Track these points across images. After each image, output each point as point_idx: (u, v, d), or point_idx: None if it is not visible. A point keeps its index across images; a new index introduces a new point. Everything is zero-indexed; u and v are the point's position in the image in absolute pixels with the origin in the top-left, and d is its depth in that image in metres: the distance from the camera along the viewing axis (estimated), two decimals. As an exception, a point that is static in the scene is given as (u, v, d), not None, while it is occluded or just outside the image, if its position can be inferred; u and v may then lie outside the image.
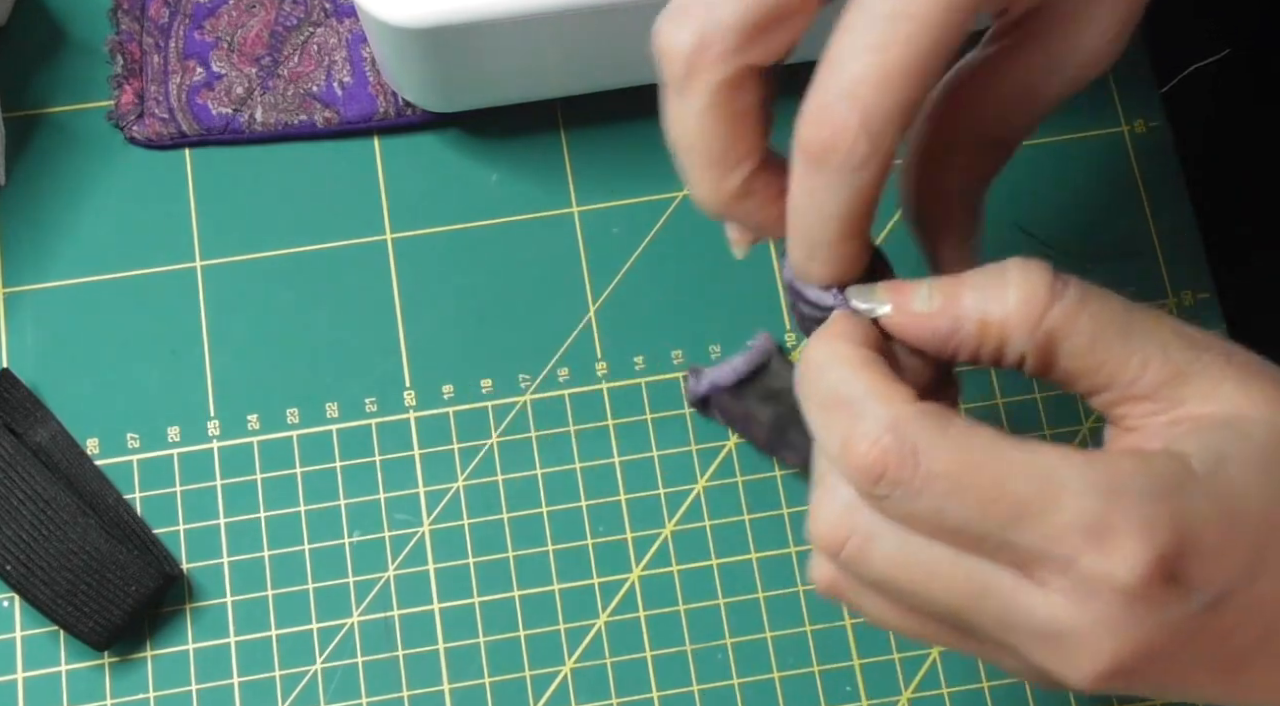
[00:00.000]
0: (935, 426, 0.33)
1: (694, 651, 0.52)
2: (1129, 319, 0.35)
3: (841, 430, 0.34)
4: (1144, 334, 0.35)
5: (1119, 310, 0.35)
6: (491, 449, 0.54)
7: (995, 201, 0.57)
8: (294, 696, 0.51)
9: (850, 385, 0.34)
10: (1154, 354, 0.35)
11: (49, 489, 0.50)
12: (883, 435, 0.33)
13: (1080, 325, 0.35)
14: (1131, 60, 0.58)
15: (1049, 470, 0.33)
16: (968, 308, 0.35)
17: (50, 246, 0.55)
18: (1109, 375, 0.35)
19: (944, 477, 0.33)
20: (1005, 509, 0.32)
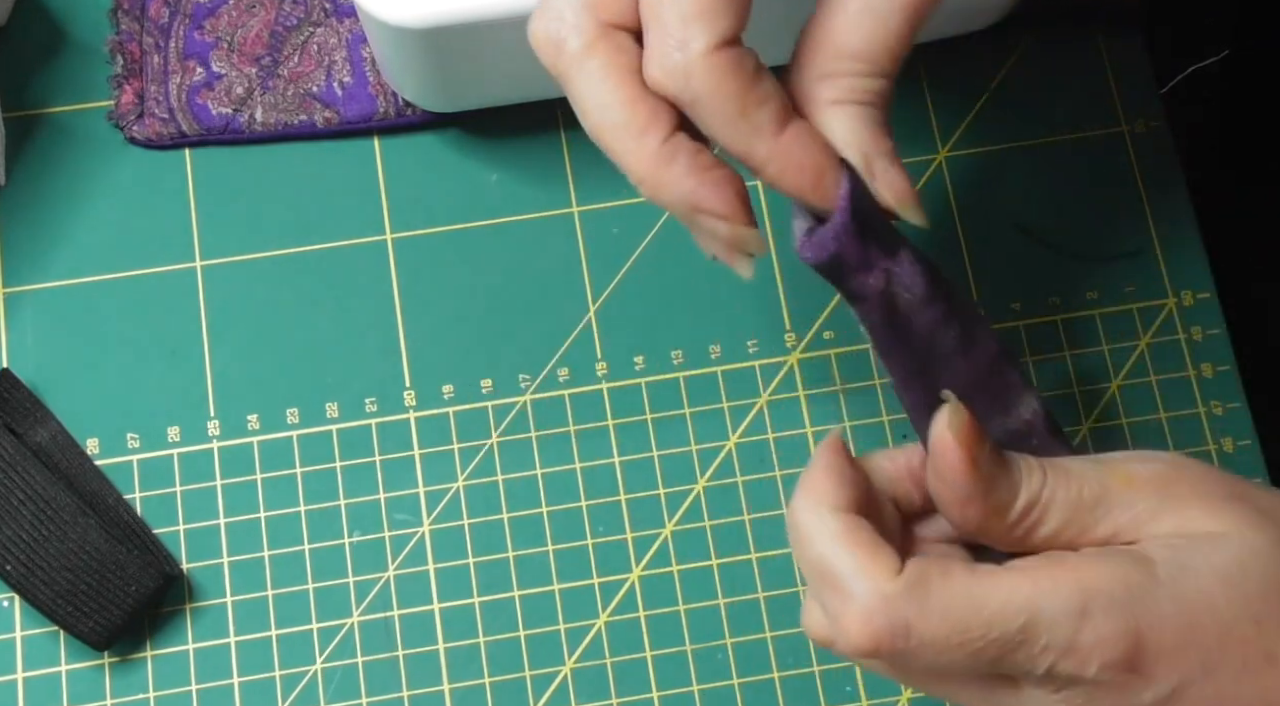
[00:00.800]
0: (921, 596, 0.37)
1: (694, 651, 0.52)
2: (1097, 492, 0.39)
3: (834, 607, 0.38)
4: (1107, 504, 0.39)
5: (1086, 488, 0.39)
6: (491, 449, 0.54)
7: (995, 201, 0.57)
8: (294, 696, 0.51)
9: (837, 560, 0.38)
10: (1121, 515, 0.39)
11: (49, 489, 0.50)
12: (873, 617, 0.37)
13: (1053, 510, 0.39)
14: (1131, 60, 0.58)
15: (1029, 607, 0.37)
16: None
17: (50, 246, 0.55)
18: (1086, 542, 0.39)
19: (937, 642, 0.37)
20: (995, 650, 0.37)
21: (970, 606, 0.37)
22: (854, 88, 0.39)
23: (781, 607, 0.52)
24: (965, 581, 0.37)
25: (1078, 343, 0.55)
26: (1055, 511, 0.39)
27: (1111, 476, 0.39)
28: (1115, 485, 0.39)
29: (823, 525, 0.39)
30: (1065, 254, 0.56)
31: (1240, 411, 0.55)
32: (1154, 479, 0.39)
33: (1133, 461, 0.39)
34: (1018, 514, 0.39)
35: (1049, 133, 0.58)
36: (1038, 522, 0.39)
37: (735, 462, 0.54)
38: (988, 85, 0.58)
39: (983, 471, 0.38)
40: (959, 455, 0.38)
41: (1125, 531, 0.39)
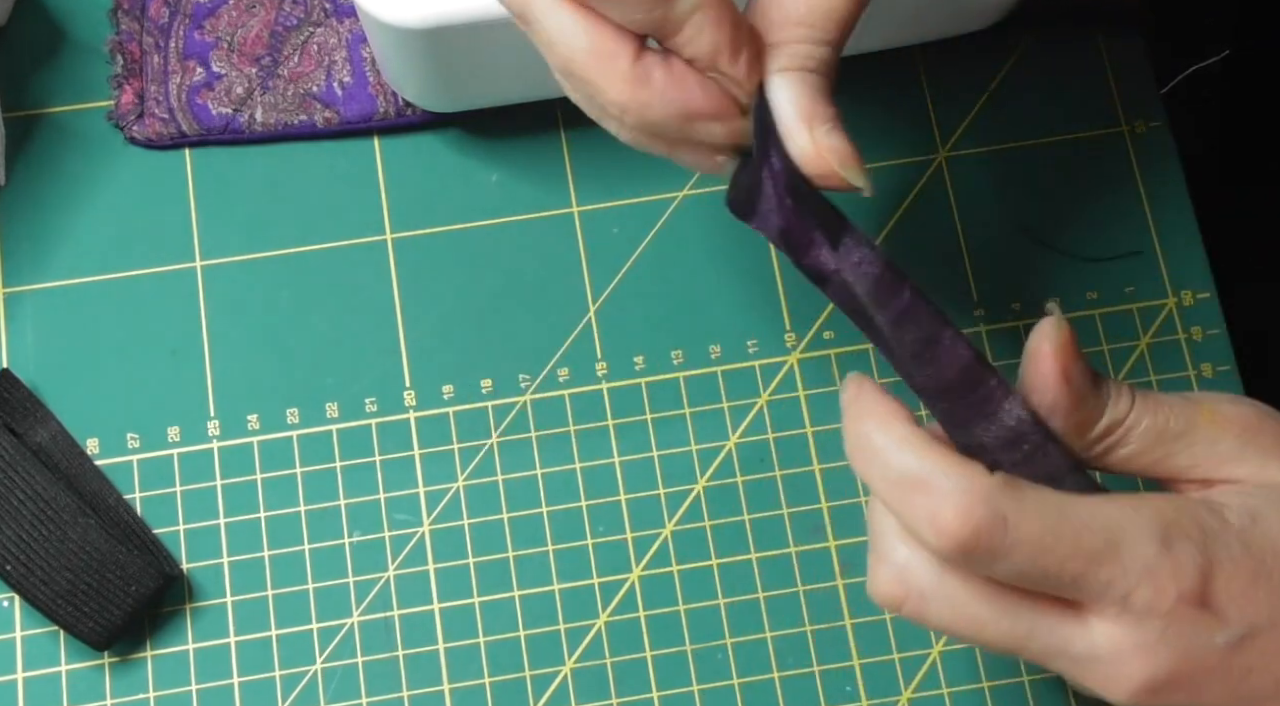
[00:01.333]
0: (1016, 496, 0.38)
1: (694, 651, 0.52)
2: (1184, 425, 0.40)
3: (928, 508, 0.38)
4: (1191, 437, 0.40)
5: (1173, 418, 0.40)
6: (491, 449, 0.54)
7: (995, 201, 0.57)
8: (294, 696, 0.51)
9: (924, 465, 0.39)
10: (1202, 451, 0.40)
11: (49, 489, 0.50)
12: (974, 508, 0.38)
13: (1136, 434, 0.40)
14: (1131, 60, 0.58)
15: (1112, 524, 0.38)
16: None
17: (50, 246, 0.55)
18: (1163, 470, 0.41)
19: (1030, 542, 0.38)
20: (1080, 563, 0.38)
21: (1062, 511, 0.38)
22: (798, 54, 0.40)
23: (781, 607, 0.52)
24: (1055, 494, 0.38)
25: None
26: (1138, 435, 0.40)
27: (1199, 412, 0.40)
28: (1201, 420, 0.39)
29: (901, 436, 0.39)
30: (1065, 254, 0.56)
31: (1240, 411, 0.55)
32: (1240, 421, 0.40)
33: (1222, 402, 0.40)
34: (1101, 430, 0.40)
35: (1049, 133, 0.58)
36: (1119, 442, 0.40)
37: (735, 462, 0.54)
38: (988, 85, 0.58)
39: (1074, 385, 0.39)
40: (1053, 366, 0.39)
41: (1204, 466, 0.40)
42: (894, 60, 0.58)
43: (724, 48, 0.39)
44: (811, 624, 0.52)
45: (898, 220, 0.57)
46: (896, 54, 0.57)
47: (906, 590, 0.40)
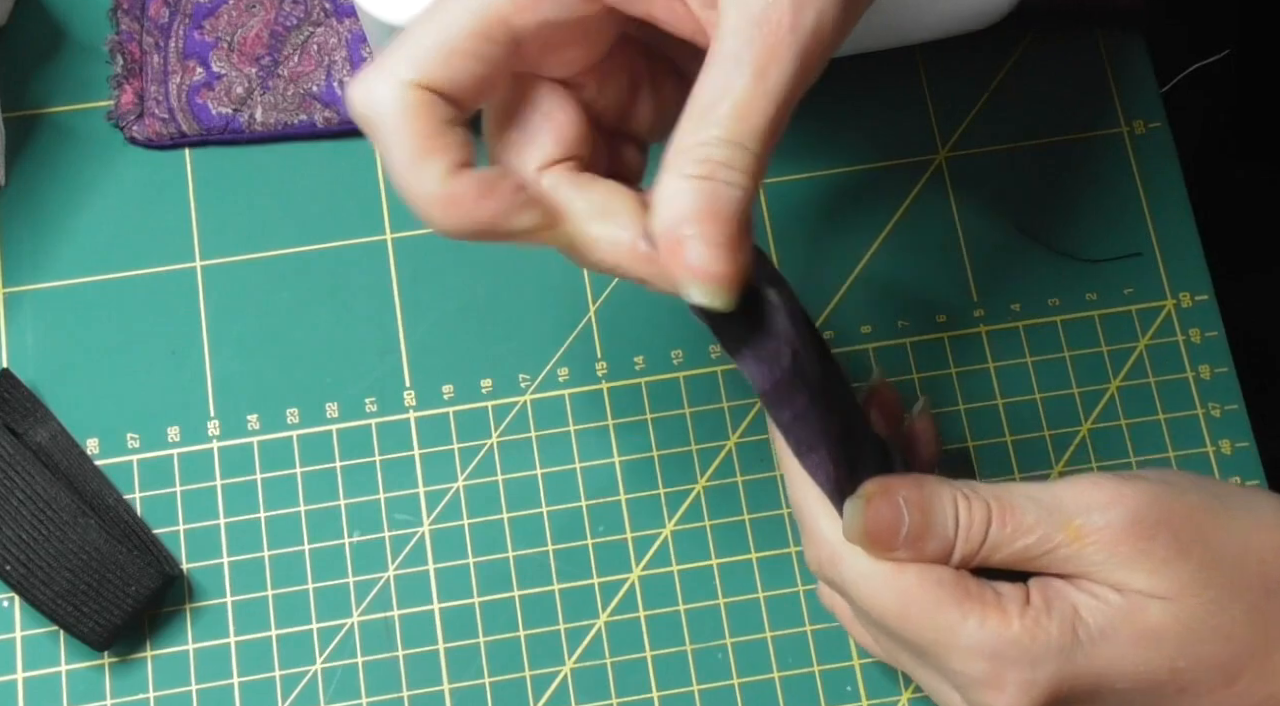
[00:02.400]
0: (864, 566, 0.41)
1: (694, 651, 0.52)
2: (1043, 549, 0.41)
3: (803, 530, 0.43)
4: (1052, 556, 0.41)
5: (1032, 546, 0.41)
6: (491, 449, 0.54)
7: (995, 201, 0.57)
8: (294, 696, 0.51)
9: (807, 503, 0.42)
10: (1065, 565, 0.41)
11: (49, 489, 0.50)
12: (822, 562, 0.42)
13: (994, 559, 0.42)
14: (1132, 60, 0.58)
15: (947, 626, 0.40)
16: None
17: (50, 246, 0.55)
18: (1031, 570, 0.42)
19: (862, 603, 0.42)
20: (911, 645, 0.41)
21: (901, 600, 0.41)
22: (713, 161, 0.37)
23: (781, 607, 0.52)
24: (911, 578, 0.41)
25: (1077, 343, 0.55)
26: (999, 560, 0.41)
27: (1061, 530, 0.40)
28: (1063, 539, 0.40)
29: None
30: (1065, 254, 0.56)
31: (1238, 413, 0.55)
32: (1105, 534, 0.40)
33: (1091, 510, 0.40)
34: (958, 561, 0.41)
35: (1049, 133, 0.58)
36: (984, 560, 0.41)
37: (735, 462, 0.54)
38: (988, 85, 0.58)
39: (906, 554, 0.41)
40: (876, 552, 0.41)
41: (1070, 570, 0.41)
42: (894, 60, 0.58)
43: None
44: (811, 624, 0.52)
45: (898, 220, 0.57)
46: (896, 54, 0.57)
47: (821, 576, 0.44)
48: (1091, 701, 0.40)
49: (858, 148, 0.57)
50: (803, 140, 0.57)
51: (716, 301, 0.38)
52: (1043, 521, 0.40)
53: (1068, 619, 0.40)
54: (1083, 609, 0.40)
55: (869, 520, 0.40)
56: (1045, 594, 0.40)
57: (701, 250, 0.37)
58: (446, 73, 0.38)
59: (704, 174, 0.37)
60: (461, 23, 0.39)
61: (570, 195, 0.39)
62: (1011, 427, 0.54)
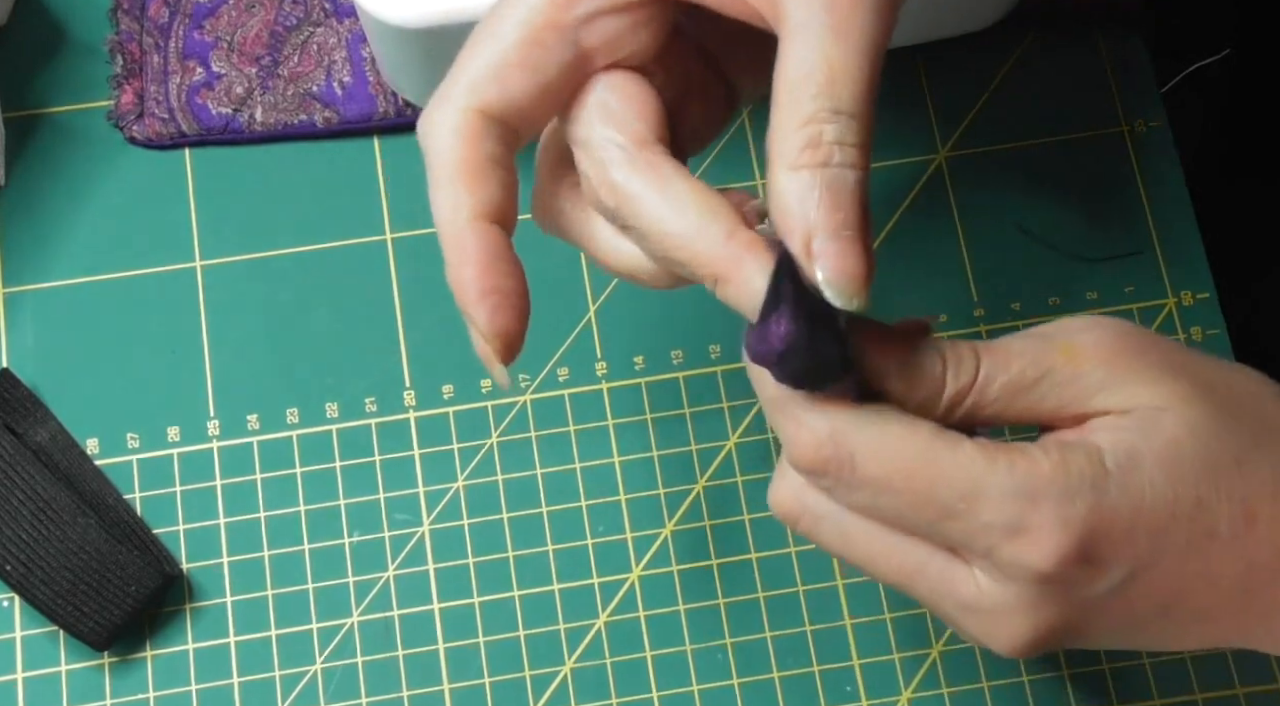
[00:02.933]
0: (873, 432, 0.37)
1: (694, 651, 0.52)
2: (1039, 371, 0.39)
3: (787, 432, 0.38)
4: (1051, 380, 0.39)
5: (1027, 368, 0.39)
6: (491, 449, 0.54)
7: (995, 201, 0.57)
8: (294, 696, 0.51)
9: (795, 410, 0.38)
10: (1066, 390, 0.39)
11: (49, 489, 0.50)
12: (823, 443, 0.38)
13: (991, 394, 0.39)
14: (1131, 60, 0.58)
15: (974, 476, 0.37)
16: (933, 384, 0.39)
17: (50, 246, 0.55)
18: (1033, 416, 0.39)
19: (877, 480, 0.37)
20: (933, 509, 0.37)
21: (921, 453, 0.37)
22: (826, 144, 0.36)
23: (781, 607, 0.52)
24: (926, 434, 0.38)
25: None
26: (993, 394, 0.38)
27: (1054, 351, 0.38)
28: (1058, 361, 0.38)
29: None
30: (1065, 254, 0.56)
31: (1240, 411, 0.55)
32: (1098, 350, 0.38)
33: (1076, 331, 0.39)
34: (948, 401, 0.38)
35: (1049, 133, 0.58)
36: (976, 406, 0.39)
37: (735, 462, 0.54)
38: (988, 85, 0.58)
39: (896, 376, 0.38)
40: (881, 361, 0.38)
41: (1073, 404, 0.39)
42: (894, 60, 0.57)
43: None
44: (811, 624, 0.52)
45: (898, 220, 0.57)
46: (896, 54, 0.57)
47: (802, 508, 0.40)
48: (1125, 545, 0.37)
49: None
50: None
51: (855, 303, 0.36)
52: (1031, 347, 0.39)
53: (1093, 453, 0.37)
54: (1103, 442, 0.38)
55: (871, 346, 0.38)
56: (1060, 438, 0.38)
57: (834, 248, 0.36)
58: (501, 92, 0.38)
59: (820, 161, 0.36)
60: (510, 36, 0.38)
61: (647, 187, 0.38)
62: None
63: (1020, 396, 0.39)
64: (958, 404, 0.39)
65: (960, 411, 0.39)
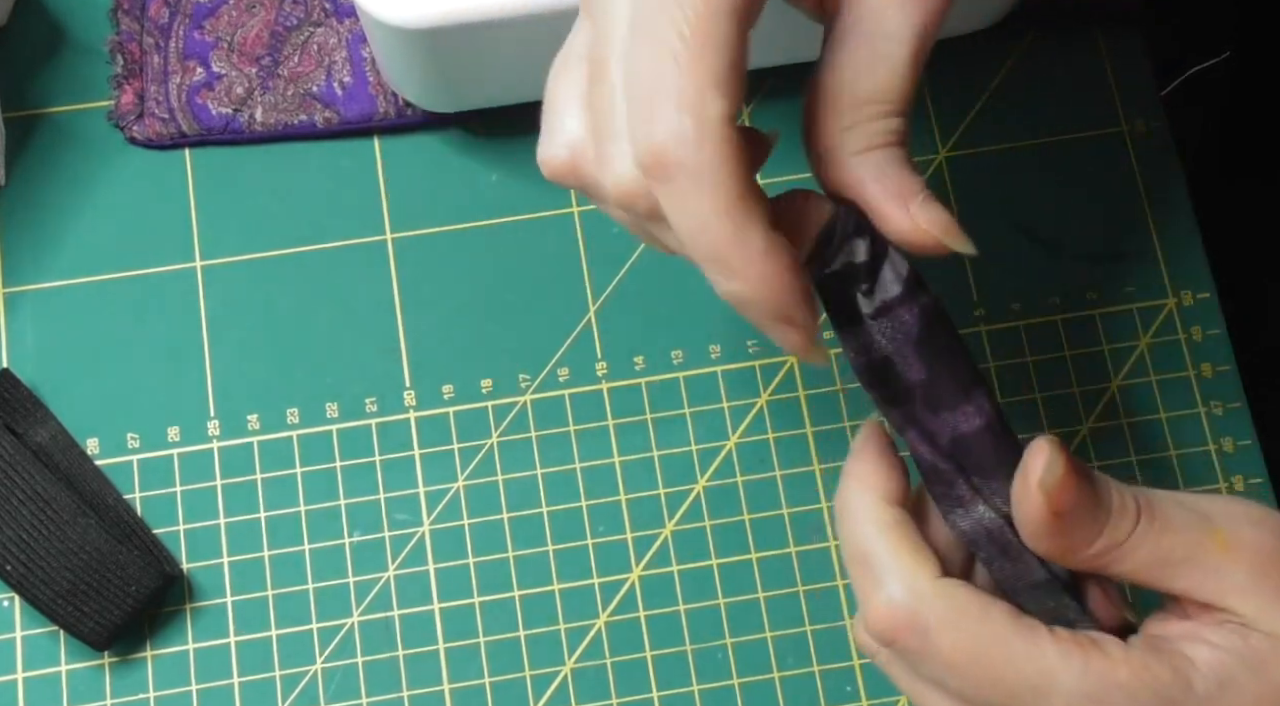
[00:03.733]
0: (951, 607, 0.36)
1: (694, 651, 0.52)
2: (1188, 553, 0.37)
3: (865, 589, 0.38)
4: (1194, 564, 0.37)
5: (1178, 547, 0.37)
6: (491, 449, 0.54)
7: (995, 201, 0.57)
8: (294, 696, 0.51)
9: (878, 546, 0.38)
10: (1206, 579, 0.37)
11: (49, 489, 0.50)
12: (898, 609, 0.37)
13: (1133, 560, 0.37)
14: (1131, 60, 0.58)
15: (1046, 670, 0.36)
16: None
17: (50, 246, 0.55)
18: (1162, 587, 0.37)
19: (948, 658, 0.36)
20: (999, 698, 0.36)
21: (996, 638, 0.36)
22: (877, 132, 0.38)
23: (781, 607, 0.52)
24: (1002, 619, 0.36)
25: (1078, 343, 0.55)
26: (1137, 560, 0.37)
27: (1210, 539, 0.37)
28: (1211, 548, 0.36)
29: (871, 510, 0.38)
30: (1065, 254, 0.56)
31: (1240, 411, 0.55)
32: (1255, 552, 0.36)
33: (1241, 521, 0.37)
34: (1090, 556, 0.37)
35: (1049, 133, 0.58)
36: (1114, 562, 0.37)
37: (735, 462, 0.54)
38: (988, 85, 0.58)
39: (1066, 522, 0.37)
40: (1041, 506, 0.36)
41: (1206, 593, 0.37)
42: (894, 60, 0.58)
43: None
44: (811, 624, 0.52)
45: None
46: (896, 54, 0.57)
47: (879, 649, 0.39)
48: None
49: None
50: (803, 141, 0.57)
51: (968, 247, 0.38)
52: (1191, 525, 0.37)
53: (1181, 667, 0.36)
54: (1199, 658, 0.36)
55: (1060, 479, 0.36)
56: (1152, 643, 0.37)
57: (931, 206, 0.38)
58: (737, 99, 0.35)
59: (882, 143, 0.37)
60: (735, 36, 0.35)
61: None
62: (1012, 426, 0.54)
63: (1160, 569, 0.37)
64: (1099, 558, 0.37)
65: (1099, 562, 0.37)
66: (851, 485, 0.39)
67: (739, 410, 0.54)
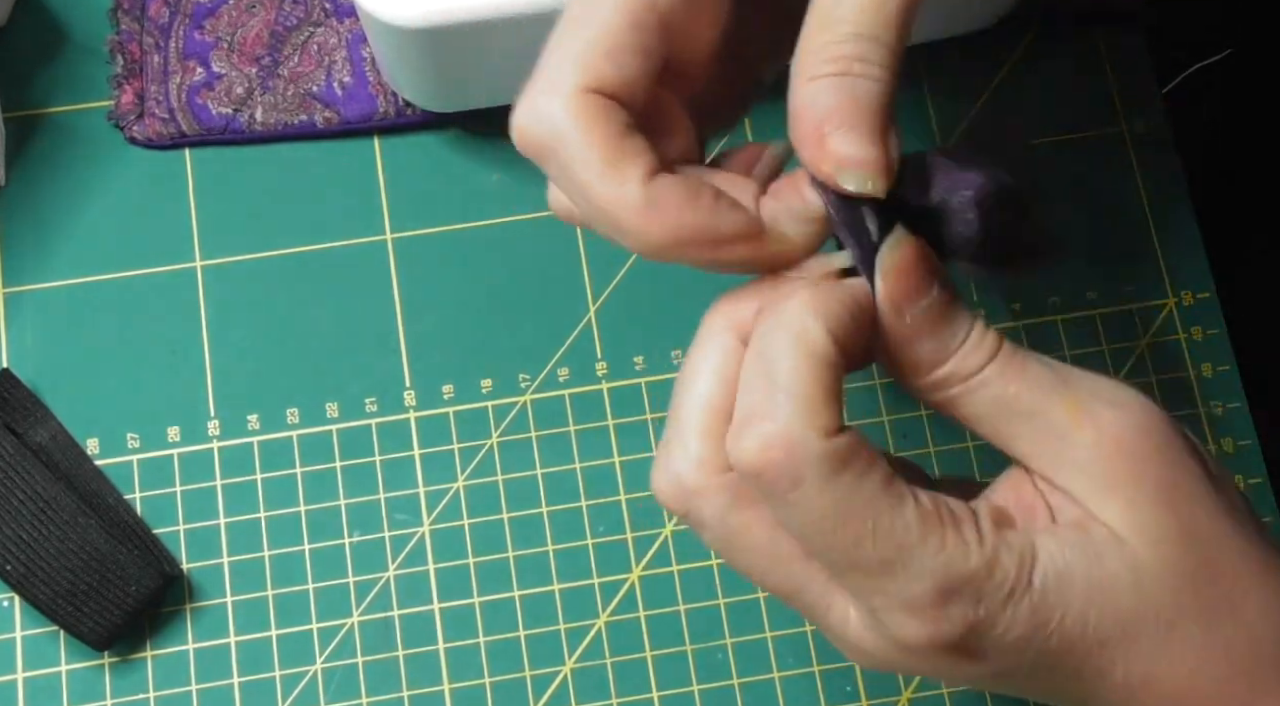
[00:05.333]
0: (832, 465, 0.35)
1: (694, 651, 0.52)
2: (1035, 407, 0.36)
3: (749, 409, 0.35)
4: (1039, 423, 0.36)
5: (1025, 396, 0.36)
6: (491, 449, 0.54)
7: (995, 201, 0.57)
8: (294, 696, 0.51)
9: (797, 370, 0.35)
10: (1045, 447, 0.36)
11: (49, 489, 0.50)
12: (775, 447, 0.34)
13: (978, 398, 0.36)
14: (1132, 60, 0.58)
15: (903, 544, 0.35)
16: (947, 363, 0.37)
17: (50, 246, 0.55)
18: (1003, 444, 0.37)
19: (809, 513, 0.35)
20: (849, 558, 0.35)
21: (864, 507, 0.35)
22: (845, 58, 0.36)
23: (781, 607, 0.52)
24: (876, 488, 0.35)
25: (1078, 343, 0.55)
26: (980, 400, 0.36)
27: (1061, 398, 0.36)
28: (1059, 409, 0.36)
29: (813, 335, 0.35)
30: (1065, 254, 0.56)
31: (1240, 411, 0.55)
32: (1104, 432, 0.36)
33: (1101, 400, 0.36)
34: (933, 381, 0.36)
35: (1049, 133, 0.58)
36: (957, 399, 0.36)
37: (735, 462, 0.54)
38: (988, 85, 0.58)
39: (907, 325, 0.36)
40: (885, 296, 0.36)
41: (1045, 462, 0.36)
42: (894, 60, 0.58)
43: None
44: (811, 624, 0.52)
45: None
46: (896, 54, 0.57)
47: (687, 506, 0.37)
48: (1006, 655, 0.36)
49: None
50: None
51: (869, 185, 0.35)
52: (1045, 380, 0.36)
53: (1026, 559, 0.35)
54: (1042, 551, 0.35)
55: (905, 261, 0.36)
56: (1002, 524, 0.36)
57: (847, 137, 0.35)
58: (616, 72, 0.36)
59: (839, 70, 0.35)
60: (616, 18, 0.36)
61: None
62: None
63: (1003, 419, 0.36)
64: (942, 387, 0.36)
65: (940, 395, 0.37)
66: (806, 301, 0.36)
67: (739, 410, 0.54)
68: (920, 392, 0.37)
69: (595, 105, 0.36)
